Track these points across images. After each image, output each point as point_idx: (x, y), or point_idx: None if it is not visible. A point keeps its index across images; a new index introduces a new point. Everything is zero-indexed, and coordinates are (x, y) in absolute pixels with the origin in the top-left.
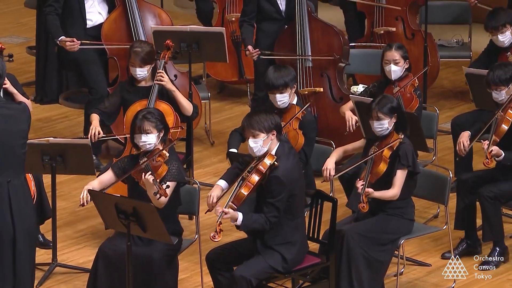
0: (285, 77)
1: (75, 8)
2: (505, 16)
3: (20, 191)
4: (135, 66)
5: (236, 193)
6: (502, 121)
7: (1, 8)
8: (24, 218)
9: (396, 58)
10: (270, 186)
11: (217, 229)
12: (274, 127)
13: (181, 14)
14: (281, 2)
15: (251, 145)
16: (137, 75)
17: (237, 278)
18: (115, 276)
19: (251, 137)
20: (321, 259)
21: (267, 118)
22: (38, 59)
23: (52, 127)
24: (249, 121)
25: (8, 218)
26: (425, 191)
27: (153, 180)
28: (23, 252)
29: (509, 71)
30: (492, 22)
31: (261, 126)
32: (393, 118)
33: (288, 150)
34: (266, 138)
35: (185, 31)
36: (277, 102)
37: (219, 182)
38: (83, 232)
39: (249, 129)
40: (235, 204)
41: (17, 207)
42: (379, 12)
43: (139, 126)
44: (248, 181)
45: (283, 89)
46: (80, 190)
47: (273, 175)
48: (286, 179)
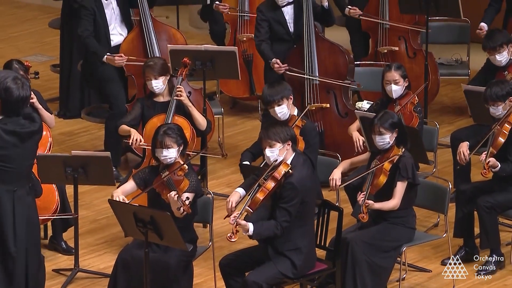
0: (280, 92)
1: (101, 31)
2: (501, 37)
3: (23, 200)
4: (150, 79)
5: (253, 198)
6: (499, 135)
7: (26, 28)
8: (28, 226)
9: (396, 78)
10: (284, 191)
11: (233, 230)
12: (289, 138)
13: (196, 34)
14: (290, 24)
15: (267, 154)
16: (154, 87)
17: (249, 283)
18: (133, 281)
19: (268, 147)
20: (328, 265)
21: (283, 129)
22: (61, 77)
23: (74, 141)
24: (266, 132)
25: (10, 226)
26: (426, 201)
27: (177, 198)
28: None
29: (506, 87)
30: (490, 43)
31: (277, 136)
32: (394, 133)
33: (303, 161)
34: (281, 148)
35: (200, 50)
36: (277, 115)
37: (238, 190)
38: (103, 239)
39: (266, 139)
40: (251, 208)
41: (20, 215)
42: (383, 32)
43: (160, 141)
44: (264, 187)
45: (280, 101)
46: (101, 200)
47: (287, 181)
48: (300, 185)
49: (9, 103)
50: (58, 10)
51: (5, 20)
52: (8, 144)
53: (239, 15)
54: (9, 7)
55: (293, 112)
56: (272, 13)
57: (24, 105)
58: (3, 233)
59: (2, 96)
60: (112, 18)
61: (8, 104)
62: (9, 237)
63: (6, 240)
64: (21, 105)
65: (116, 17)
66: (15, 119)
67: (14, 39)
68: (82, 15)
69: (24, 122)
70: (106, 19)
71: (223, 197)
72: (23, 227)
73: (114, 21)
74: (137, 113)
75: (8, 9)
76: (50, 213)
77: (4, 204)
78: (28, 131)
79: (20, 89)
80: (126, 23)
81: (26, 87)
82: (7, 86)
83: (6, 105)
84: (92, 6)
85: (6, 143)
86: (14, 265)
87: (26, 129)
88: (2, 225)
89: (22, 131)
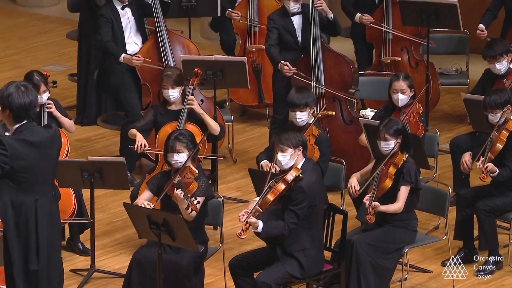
0: (306, 98)
1: (118, 39)
2: (501, 46)
3: (46, 209)
4: (167, 88)
5: (263, 199)
6: (497, 141)
7: (45, 39)
8: (51, 230)
9: (403, 88)
10: (294, 194)
11: (243, 227)
12: (300, 144)
13: (207, 45)
14: (299, 33)
15: (279, 159)
16: (169, 96)
17: (258, 283)
18: (147, 281)
19: (280, 152)
20: (333, 266)
21: (295, 135)
22: (79, 85)
23: (91, 146)
24: (279, 137)
25: (33, 242)
26: (427, 204)
27: (184, 196)
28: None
29: (504, 95)
30: (490, 52)
31: (289, 142)
32: (398, 139)
33: (313, 167)
34: (293, 153)
35: (211, 60)
36: (297, 120)
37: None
38: (118, 241)
39: (279, 144)
40: (261, 208)
41: (42, 225)
42: (386, 43)
43: (171, 146)
44: (275, 188)
45: (304, 108)
46: (116, 203)
47: (297, 185)
48: (309, 190)
49: (15, 110)
50: (75, 22)
51: (25, 31)
52: (24, 154)
53: (249, 24)
54: (29, 19)
55: (310, 121)
56: (282, 21)
57: (30, 110)
58: (28, 250)
59: (7, 104)
60: (127, 27)
61: (14, 111)
62: (32, 253)
63: (29, 257)
64: (27, 111)
65: (132, 26)
66: (29, 127)
67: (34, 50)
68: (101, 24)
69: (38, 129)
70: (122, 27)
71: (233, 201)
72: (45, 238)
73: (130, 30)
74: (149, 119)
75: (28, 21)
76: (67, 216)
77: (27, 214)
78: (42, 139)
79: (23, 95)
80: (140, 32)
81: (31, 92)
82: (8, 93)
83: (14, 112)
84: (109, 15)
85: (22, 153)
86: (37, 281)
87: (41, 137)
88: (28, 241)
89: (35, 139)
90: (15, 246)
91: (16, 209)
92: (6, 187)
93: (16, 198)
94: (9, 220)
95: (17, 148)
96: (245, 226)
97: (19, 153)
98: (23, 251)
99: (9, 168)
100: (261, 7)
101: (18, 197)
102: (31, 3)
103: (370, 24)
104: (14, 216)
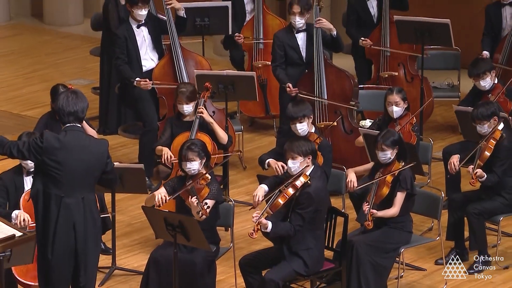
0: (303, 110)
1: (133, 57)
2: (484, 65)
3: (69, 208)
4: (182, 104)
5: (274, 202)
6: (485, 149)
7: (71, 56)
8: (94, 227)
9: (397, 100)
10: (302, 199)
11: (255, 228)
12: (310, 152)
13: (219, 60)
14: (303, 50)
15: (289, 165)
16: (184, 111)
17: (267, 280)
18: (164, 277)
19: (291, 159)
20: (335, 264)
21: (305, 144)
22: (101, 98)
23: (112, 154)
24: (290, 145)
25: (82, 229)
26: (422, 208)
27: (197, 203)
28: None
29: (490, 108)
30: (474, 71)
31: (299, 150)
32: (395, 149)
33: (320, 174)
34: (302, 160)
35: (222, 74)
36: (298, 131)
37: (262, 186)
38: (137, 241)
39: (290, 151)
40: (272, 210)
41: (90, 218)
42: (384, 59)
43: (184, 155)
44: (285, 193)
45: (302, 119)
46: (135, 206)
47: (305, 191)
48: (316, 196)
49: (60, 114)
50: (98, 39)
51: (52, 48)
52: (57, 151)
53: (255, 43)
54: (56, 37)
55: (311, 130)
56: (287, 38)
57: (72, 115)
58: (46, 240)
59: (56, 109)
60: (143, 45)
61: (60, 115)
62: (48, 244)
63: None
64: (69, 116)
65: (148, 44)
66: (73, 129)
67: (60, 65)
68: (116, 45)
69: (79, 134)
70: (138, 45)
71: (243, 204)
72: (61, 236)
73: (146, 48)
74: (168, 133)
75: (55, 39)
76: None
77: (51, 207)
78: (77, 143)
79: (68, 102)
80: (157, 49)
81: (80, 100)
82: (57, 99)
83: (59, 116)
84: (124, 34)
85: (55, 150)
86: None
87: (77, 141)
88: (47, 233)
89: (69, 141)
90: (39, 234)
91: (45, 200)
92: (40, 177)
93: (46, 189)
94: (39, 208)
95: (52, 144)
96: (257, 227)
97: (53, 149)
98: (42, 243)
99: (42, 161)
100: (265, 26)
101: (48, 189)
102: (58, 22)
103: (370, 47)
104: (43, 205)
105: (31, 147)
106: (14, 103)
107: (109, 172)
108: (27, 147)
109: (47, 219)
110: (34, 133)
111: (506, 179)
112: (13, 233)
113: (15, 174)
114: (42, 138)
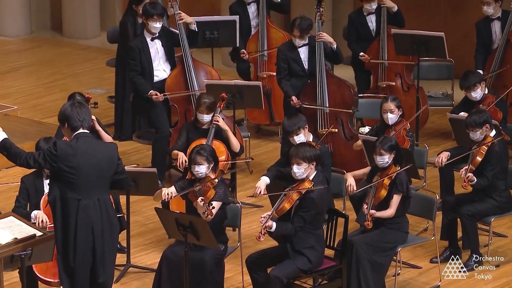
0: (297, 123)
1: (146, 67)
2: (474, 77)
3: (87, 210)
4: (203, 113)
5: (279, 206)
6: (477, 154)
7: (88, 66)
8: (110, 225)
9: (392, 108)
10: (305, 202)
11: (262, 231)
12: (314, 159)
13: (228, 71)
14: (305, 63)
15: (294, 170)
16: (203, 120)
17: (272, 277)
18: (175, 274)
19: (296, 164)
20: (336, 262)
21: (310, 150)
22: (116, 106)
23: (127, 159)
24: (296, 151)
25: (99, 228)
26: (417, 209)
27: (203, 204)
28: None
29: (483, 116)
30: (465, 83)
31: (304, 156)
32: (392, 154)
33: (322, 179)
34: (307, 166)
35: (231, 84)
36: (296, 143)
37: (264, 178)
38: (150, 240)
39: (295, 157)
40: (278, 214)
41: (106, 217)
42: (382, 70)
43: (193, 158)
44: (290, 197)
45: (298, 131)
46: (148, 208)
47: (309, 195)
48: (318, 201)
49: (70, 122)
50: (114, 51)
51: (71, 59)
52: (71, 157)
53: (260, 55)
54: (74, 49)
55: (309, 138)
56: (290, 53)
57: (82, 122)
58: (67, 244)
59: (65, 118)
60: (156, 57)
61: (70, 123)
62: (70, 249)
63: (68, 251)
64: (81, 122)
65: (161, 56)
66: (83, 136)
67: (78, 75)
68: (130, 58)
69: (90, 140)
70: (151, 57)
71: (249, 206)
72: (83, 237)
73: (159, 59)
74: (184, 139)
75: (74, 51)
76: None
77: (70, 210)
78: (89, 149)
79: (76, 110)
80: (170, 61)
81: (84, 108)
82: (65, 109)
83: (69, 124)
84: (138, 46)
85: (69, 156)
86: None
87: (88, 147)
88: (67, 236)
89: (81, 147)
90: (59, 238)
91: (63, 204)
92: (56, 184)
93: (64, 195)
94: (57, 213)
95: (66, 151)
96: (264, 230)
97: (67, 155)
98: (63, 245)
99: (58, 168)
100: (269, 39)
101: (65, 194)
102: (76, 35)
103: (369, 61)
104: (62, 210)
105: (46, 156)
106: (35, 111)
107: (121, 172)
108: (42, 157)
109: (67, 224)
110: (51, 138)
111: (497, 183)
112: (33, 232)
113: (36, 177)
114: (56, 146)
